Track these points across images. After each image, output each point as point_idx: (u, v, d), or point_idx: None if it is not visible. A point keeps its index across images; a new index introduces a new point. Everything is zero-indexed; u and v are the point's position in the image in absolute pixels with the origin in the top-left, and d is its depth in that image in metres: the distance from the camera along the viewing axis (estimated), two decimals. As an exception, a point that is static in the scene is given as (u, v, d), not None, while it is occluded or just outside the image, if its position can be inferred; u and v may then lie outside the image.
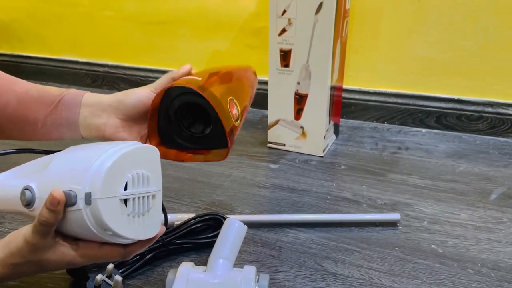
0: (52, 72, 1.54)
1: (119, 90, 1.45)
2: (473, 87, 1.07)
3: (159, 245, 0.64)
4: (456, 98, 1.09)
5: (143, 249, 0.49)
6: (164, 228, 0.50)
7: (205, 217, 0.70)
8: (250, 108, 1.28)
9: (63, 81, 1.54)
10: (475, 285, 0.61)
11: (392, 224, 0.74)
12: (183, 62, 1.51)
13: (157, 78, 0.56)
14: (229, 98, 0.54)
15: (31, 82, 0.57)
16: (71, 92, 0.55)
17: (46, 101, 0.53)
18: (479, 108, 1.07)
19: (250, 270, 0.55)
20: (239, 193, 0.84)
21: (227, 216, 0.72)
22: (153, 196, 0.47)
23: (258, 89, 1.25)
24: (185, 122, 0.57)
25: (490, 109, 1.07)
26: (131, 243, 0.47)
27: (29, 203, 0.44)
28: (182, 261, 0.65)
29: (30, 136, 0.55)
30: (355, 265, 0.65)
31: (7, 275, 0.46)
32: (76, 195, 0.41)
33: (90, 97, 0.54)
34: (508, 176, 0.90)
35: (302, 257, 0.67)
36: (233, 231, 0.57)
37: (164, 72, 1.36)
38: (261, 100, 1.25)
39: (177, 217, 0.72)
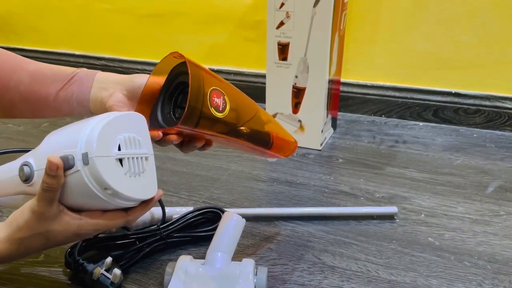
0: (48, 65, 1.53)
1: (116, 83, 1.45)
2: (471, 81, 1.07)
3: (158, 238, 0.64)
4: (453, 92, 1.09)
5: (144, 212, 0.50)
6: (161, 192, 0.51)
7: (203, 211, 0.70)
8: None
9: (60, 74, 1.53)
10: (472, 278, 0.61)
11: (390, 217, 0.75)
12: (181, 55, 1.49)
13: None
14: (213, 87, 0.50)
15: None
16: (84, 70, 0.57)
17: (59, 77, 0.55)
18: (476, 102, 1.08)
19: (248, 263, 0.55)
20: (237, 187, 0.84)
21: (226, 209, 0.72)
22: (146, 159, 0.48)
23: (255, 82, 1.26)
24: (175, 105, 0.54)
25: (487, 103, 1.07)
26: (132, 207, 0.48)
27: (28, 178, 0.46)
28: (180, 254, 0.65)
29: (41, 112, 0.56)
30: (352, 258, 0.65)
31: (14, 251, 0.47)
32: (73, 157, 0.43)
33: (103, 74, 0.56)
34: (504, 169, 0.90)
35: (300, 250, 0.67)
36: (231, 224, 0.57)
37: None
38: (259, 94, 1.25)
39: (176, 211, 0.72)
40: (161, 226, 0.66)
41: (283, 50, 0.93)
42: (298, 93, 0.96)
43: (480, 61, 1.05)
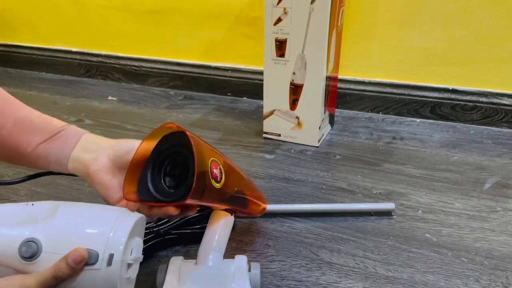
0: (44, 62, 1.53)
1: (113, 80, 1.45)
2: (468, 77, 1.08)
3: (156, 235, 0.64)
4: (450, 88, 1.09)
5: None
6: None
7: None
8: (245, 99, 1.28)
9: (56, 71, 1.52)
10: (469, 274, 0.62)
11: (387, 213, 0.75)
12: (177, 52, 1.51)
13: (151, 68, 0.55)
14: (212, 159, 0.50)
15: (25, 72, 0.57)
16: (73, 128, 0.55)
17: (45, 130, 0.53)
18: (474, 98, 1.08)
19: (241, 259, 0.55)
20: (235, 183, 0.84)
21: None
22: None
23: (253, 79, 1.26)
24: (166, 172, 0.52)
25: (484, 99, 1.07)
26: None
27: (32, 256, 0.42)
28: (178, 251, 0.65)
29: (17, 160, 0.54)
30: (350, 254, 0.65)
31: None
32: (97, 255, 0.42)
33: (89, 136, 0.54)
34: (501, 165, 0.90)
35: (298, 246, 0.67)
36: (220, 222, 0.57)
37: (158, 61, 1.35)
38: (256, 90, 1.25)
39: (173, 208, 0.72)
40: (158, 223, 0.66)
41: (280, 46, 0.93)
42: (295, 90, 0.96)
43: (477, 57, 1.05)
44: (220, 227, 0.57)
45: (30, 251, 0.42)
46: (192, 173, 0.45)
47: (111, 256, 0.42)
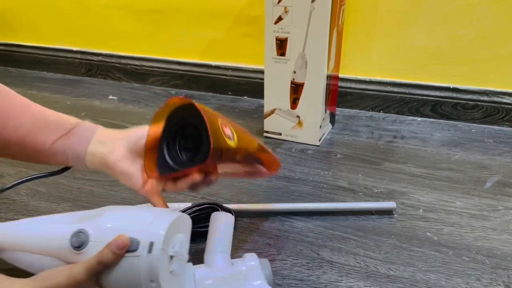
0: (45, 61, 1.53)
1: (114, 79, 1.44)
2: (469, 76, 1.07)
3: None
4: (451, 87, 1.09)
5: None
6: None
7: (202, 207, 0.70)
8: (246, 98, 1.28)
9: (57, 70, 1.52)
10: (470, 272, 0.62)
11: (388, 212, 0.75)
12: (178, 51, 1.51)
13: (152, 67, 0.56)
14: (221, 120, 0.53)
15: (25, 71, 0.57)
16: (86, 123, 0.56)
17: (60, 126, 0.54)
18: (475, 97, 1.08)
19: (252, 257, 0.55)
20: (236, 182, 0.84)
21: (224, 205, 0.72)
22: (187, 262, 0.50)
23: (253, 78, 1.26)
24: (180, 147, 0.55)
25: (485, 98, 1.07)
26: None
27: (80, 245, 0.46)
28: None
29: (34, 158, 0.55)
30: (351, 253, 0.65)
31: None
32: (139, 242, 0.44)
33: (103, 130, 0.56)
34: (503, 164, 0.90)
35: (298, 245, 0.67)
36: (221, 223, 0.57)
37: (158, 61, 1.35)
38: (257, 89, 1.25)
39: (174, 206, 0.72)
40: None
41: (281, 45, 0.93)
42: (296, 89, 0.96)
43: (478, 56, 1.05)
44: (222, 227, 0.57)
45: (79, 241, 0.46)
46: (207, 135, 0.47)
47: (151, 244, 0.44)
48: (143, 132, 0.53)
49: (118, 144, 0.53)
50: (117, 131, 0.55)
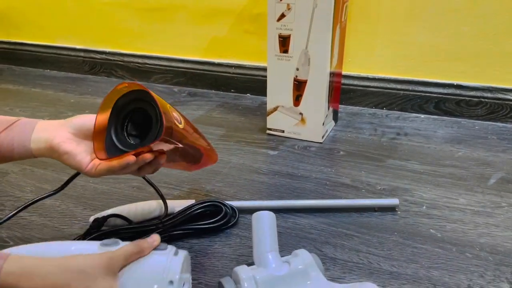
0: (49, 59, 1.53)
1: (117, 77, 1.45)
2: (472, 73, 1.07)
3: (160, 231, 0.65)
4: (455, 84, 1.09)
5: None
6: None
7: (205, 204, 0.70)
8: (249, 95, 1.28)
9: (61, 68, 1.53)
10: (474, 269, 0.61)
11: (391, 209, 0.75)
12: (181, 49, 1.51)
13: (155, 64, 0.57)
14: (169, 105, 0.56)
15: (29, 69, 0.57)
16: (25, 118, 0.58)
17: (3, 121, 0.56)
18: (478, 94, 1.07)
19: (303, 253, 0.55)
20: (239, 180, 0.84)
21: (227, 202, 0.72)
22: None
23: (256, 75, 1.26)
24: (128, 133, 0.56)
25: (489, 94, 1.06)
26: None
27: None
28: (182, 247, 0.65)
29: None
30: (354, 250, 0.65)
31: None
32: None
33: (45, 121, 0.57)
34: (506, 161, 0.90)
35: (302, 242, 0.67)
36: (265, 222, 0.57)
37: (161, 58, 1.35)
38: (260, 87, 1.25)
39: (178, 204, 0.72)
40: (163, 219, 0.66)
41: (284, 42, 0.93)
42: (299, 86, 0.96)
43: (481, 52, 1.04)
44: (268, 227, 0.56)
45: None
46: (159, 116, 0.51)
47: (170, 283, 0.48)
48: (87, 118, 0.56)
49: (61, 128, 0.55)
50: (57, 120, 0.57)
